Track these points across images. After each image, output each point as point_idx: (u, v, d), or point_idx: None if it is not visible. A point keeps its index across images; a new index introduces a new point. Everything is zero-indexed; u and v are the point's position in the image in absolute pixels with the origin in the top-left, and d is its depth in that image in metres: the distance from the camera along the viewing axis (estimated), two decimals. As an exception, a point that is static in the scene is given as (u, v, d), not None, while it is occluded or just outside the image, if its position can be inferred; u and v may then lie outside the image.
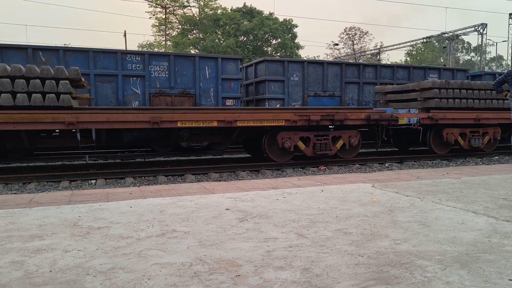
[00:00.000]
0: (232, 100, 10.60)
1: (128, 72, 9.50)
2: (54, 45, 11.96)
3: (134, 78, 9.60)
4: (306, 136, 7.89)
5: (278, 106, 10.62)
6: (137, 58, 9.64)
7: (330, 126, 8.25)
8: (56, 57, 8.82)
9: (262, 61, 11.33)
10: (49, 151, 9.83)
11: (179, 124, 6.94)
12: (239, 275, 1.68)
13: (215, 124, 7.15)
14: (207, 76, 10.32)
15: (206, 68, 10.28)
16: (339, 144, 8.14)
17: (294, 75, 11.09)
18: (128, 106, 8.83)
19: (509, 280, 1.61)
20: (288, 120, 7.53)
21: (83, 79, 6.90)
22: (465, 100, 9.12)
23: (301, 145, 7.84)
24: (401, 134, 9.58)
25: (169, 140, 7.96)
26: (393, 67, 12.60)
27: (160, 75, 9.82)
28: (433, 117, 8.67)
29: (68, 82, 6.45)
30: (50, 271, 1.74)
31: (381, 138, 8.42)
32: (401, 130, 9.15)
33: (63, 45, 15.36)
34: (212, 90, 10.44)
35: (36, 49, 8.76)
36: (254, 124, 7.39)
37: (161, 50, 34.32)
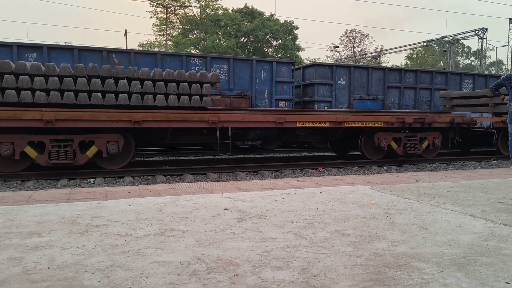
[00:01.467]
0: (284, 102, 11.11)
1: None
2: (126, 48, 12.42)
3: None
4: (398, 137, 8.70)
5: (326, 108, 11.24)
6: (200, 61, 10.26)
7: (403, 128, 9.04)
8: (128, 59, 9.41)
9: (312, 65, 12.01)
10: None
11: (298, 124, 7.73)
12: (237, 275, 1.69)
13: (327, 124, 8.00)
14: (262, 79, 10.90)
15: (262, 71, 10.79)
16: (425, 144, 8.94)
17: (341, 79, 11.73)
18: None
19: (506, 283, 1.62)
20: (386, 122, 8.39)
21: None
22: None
23: (394, 144, 8.65)
24: (465, 136, 10.20)
25: (281, 138, 8.90)
26: (431, 73, 13.26)
27: (220, 77, 10.15)
28: (505, 121, 9.23)
29: (209, 85, 7.41)
30: (48, 268, 1.75)
31: (454, 140, 9.34)
32: (465, 133, 9.83)
33: (135, 49, 16.02)
34: (266, 92, 11.00)
35: (110, 51, 9.41)
36: (358, 125, 8.25)
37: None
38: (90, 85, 6.51)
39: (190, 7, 38.29)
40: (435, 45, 45.60)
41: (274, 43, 39.60)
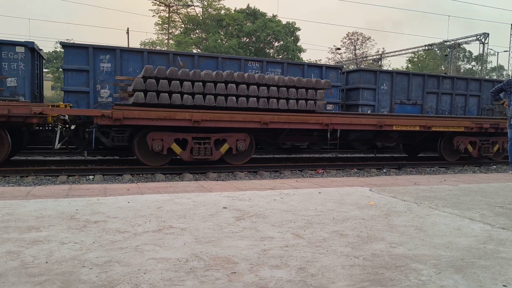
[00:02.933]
0: (332, 105, 11.47)
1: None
2: (190, 52, 12.67)
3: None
4: (473, 140, 9.66)
5: (369, 112, 11.72)
6: (256, 65, 10.74)
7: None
8: (192, 62, 9.95)
9: (357, 70, 12.76)
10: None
11: (394, 128, 8.71)
12: (234, 272, 1.69)
13: (417, 128, 8.87)
14: None
15: (312, 75, 11.15)
16: (496, 148, 9.96)
17: (384, 84, 12.32)
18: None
19: (503, 286, 1.62)
20: (467, 127, 9.30)
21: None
22: None
23: (470, 147, 9.63)
24: None
25: (374, 140, 9.92)
26: (467, 80, 13.84)
27: None
28: None
29: (323, 91, 8.28)
30: (46, 262, 1.75)
31: None
32: None
33: (197, 52, 16.84)
34: None
35: (175, 54, 10.01)
36: (443, 129, 9.13)
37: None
38: (227, 89, 7.40)
39: (193, 7, 38.31)
40: (436, 49, 45.62)
41: (276, 44, 39.65)
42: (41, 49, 9.65)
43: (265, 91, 7.62)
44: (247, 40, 39.04)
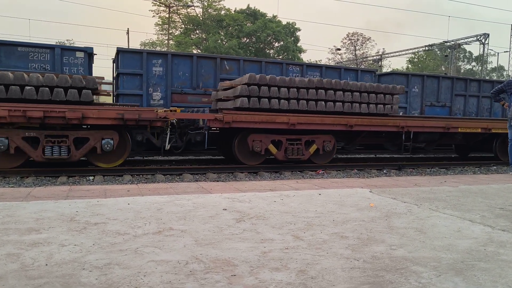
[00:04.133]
0: None
1: None
2: (236, 56, 15.15)
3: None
4: None
5: (401, 114, 12.01)
6: (296, 69, 11.30)
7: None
8: (237, 66, 10.46)
9: (389, 73, 13.33)
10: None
11: (459, 130, 9.30)
12: (234, 275, 1.69)
13: (479, 130, 9.47)
14: None
15: (348, 78, 11.62)
16: None
17: (415, 87, 12.85)
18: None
19: (503, 288, 1.62)
20: None
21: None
22: None
23: None
24: None
25: (439, 141, 10.22)
26: (492, 82, 14.46)
27: None
28: None
29: (398, 96, 8.94)
30: (46, 265, 1.75)
31: None
32: None
33: (244, 57, 18.85)
34: None
35: (222, 59, 10.59)
36: (501, 131, 9.51)
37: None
38: (317, 95, 7.96)
39: (193, 7, 38.32)
40: (436, 50, 45.62)
41: (276, 44, 39.65)
42: (96, 54, 10.07)
43: (349, 96, 8.27)
44: (247, 40, 39.04)
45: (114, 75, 10.46)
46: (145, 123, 7.11)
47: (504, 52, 39.39)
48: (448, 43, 37.33)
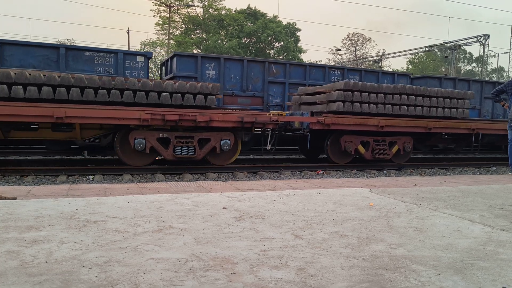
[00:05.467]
0: None
1: (331, 83, 11.61)
2: (282, 60, 17.11)
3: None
4: None
5: None
6: (338, 72, 11.89)
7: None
8: (283, 69, 11.12)
9: (423, 77, 13.86)
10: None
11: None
12: (234, 273, 1.69)
13: None
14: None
15: (385, 81, 12.27)
16: None
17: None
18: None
19: (503, 287, 1.62)
20: None
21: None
22: None
23: None
24: None
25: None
26: None
27: None
28: None
29: (469, 100, 9.66)
30: (46, 262, 1.75)
31: None
32: None
33: (289, 61, 22.04)
34: None
35: (270, 62, 11.28)
36: None
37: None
38: (401, 100, 8.76)
39: (193, 7, 38.31)
40: (436, 51, 45.63)
41: (276, 44, 39.66)
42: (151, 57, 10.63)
43: (427, 101, 9.04)
44: (248, 40, 39.04)
45: (167, 77, 10.84)
46: (259, 125, 7.91)
47: (504, 53, 39.44)
48: (448, 44, 37.34)
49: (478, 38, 34.96)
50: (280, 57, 38.24)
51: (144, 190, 4.20)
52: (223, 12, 38.83)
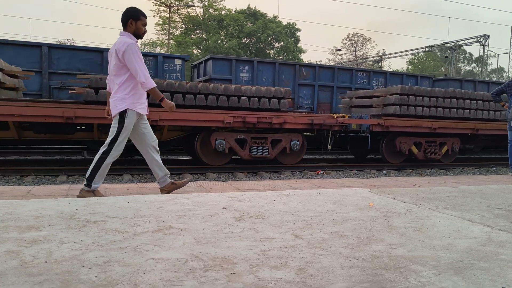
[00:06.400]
0: None
1: (358, 85, 12.10)
2: (312, 62, 17.19)
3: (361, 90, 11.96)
4: None
5: None
6: (364, 75, 12.34)
7: None
8: (313, 72, 11.50)
9: (445, 79, 14.24)
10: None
11: None
12: (234, 273, 1.69)
13: None
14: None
15: (409, 83, 12.57)
16: None
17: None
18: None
19: (503, 287, 1.62)
20: None
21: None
22: None
23: None
24: None
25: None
26: None
27: (378, 88, 12.12)
28: None
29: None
30: (46, 262, 1.75)
31: None
32: None
33: (318, 63, 21.43)
34: None
35: (301, 65, 11.71)
36: None
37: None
38: (451, 103, 9.31)
39: (193, 7, 38.31)
40: (436, 51, 45.64)
41: (276, 45, 39.65)
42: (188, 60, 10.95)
43: (474, 104, 9.57)
44: (248, 40, 39.04)
45: (200, 79, 11.06)
46: (326, 127, 8.39)
47: (504, 53, 39.44)
48: (448, 44, 37.34)
49: (478, 38, 34.95)
50: (280, 57, 38.24)
51: (144, 190, 4.20)
52: (223, 12, 38.81)
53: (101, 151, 3.72)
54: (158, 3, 37.51)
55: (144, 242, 2.09)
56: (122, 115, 3.64)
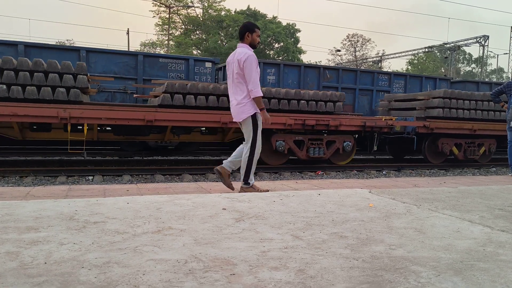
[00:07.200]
0: None
1: (379, 87, 12.36)
2: (336, 66, 17.10)
3: (382, 93, 12.30)
4: None
5: None
6: (385, 77, 12.59)
7: None
8: (336, 75, 11.76)
9: (462, 81, 14.36)
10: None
11: None
12: (233, 274, 1.69)
13: None
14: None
15: (428, 85, 12.87)
16: None
17: None
18: (376, 115, 11.02)
19: (502, 288, 1.62)
20: None
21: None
22: None
23: None
24: None
25: None
26: None
27: (398, 91, 12.55)
28: None
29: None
30: (45, 263, 1.74)
31: None
32: None
33: (342, 66, 24.18)
34: None
35: (325, 68, 11.93)
36: None
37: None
38: (489, 105, 9.71)
39: (193, 8, 38.32)
40: (436, 52, 45.65)
41: (276, 45, 39.64)
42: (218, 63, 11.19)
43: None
44: (247, 41, 38.96)
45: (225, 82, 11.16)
46: (377, 129, 8.72)
47: (504, 54, 39.49)
48: (448, 45, 37.36)
49: (478, 39, 34.98)
50: (280, 58, 38.24)
51: (144, 191, 4.19)
52: (223, 13, 38.80)
53: (246, 153, 4.23)
54: (158, 3, 37.52)
55: (143, 243, 2.08)
56: (254, 117, 4.14)
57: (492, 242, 2.28)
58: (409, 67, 58.19)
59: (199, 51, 37.37)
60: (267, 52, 39.26)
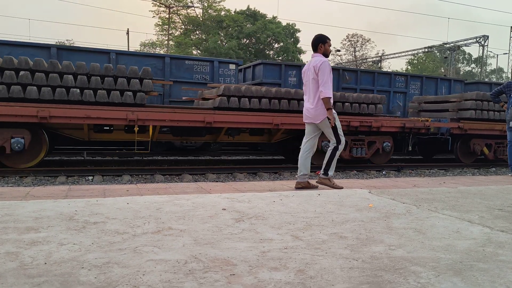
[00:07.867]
0: None
1: (396, 89, 12.53)
2: (355, 68, 17.65)
3: (399, 94, 12.57)
4: None
5: None
6: (401, 79, 12.77)
7: None
8: (355, 76, 11.97)
9: (476, 82, 14.43)
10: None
11: None
12: (233, 274, 1.69)
13: None
14: (443, 94, 13.19)
15: (443, 87, 13.23)
16: None
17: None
18: (393, 115, 11.51)
19: (502, 289, 1.62)
20: None
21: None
22: None
23: None
24: None
25: None
26: None
27: (415, 92, 12.70)
28: None
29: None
30: (45, 263, 1.75)
31: None
32: None
33: (361, 68, 23.76)
34: None
35: (344, 70, 12.16)
36: None
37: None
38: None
39: (193, 8, 38.32)
40: (436, 52, 45.67)
41: (276, 45, 39.63)
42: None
43: None
44: (247, 41, 39.02)
45: (248, 83, 11.33)
46: (415, 130, 9.03)
47: (504, 54, 39.46)
48: (448, 45, 37.36)
49: (478, 39, 34.97)
50: (280, 58, 38.24)
51: (144, 191, 4.19)
52: (223, 13, 38.79)
53: (331, 147, 4.48)
54: (158, 4, 37.51)
55: (143, 243, 2.08)
56: (328, 118, 4.41)
57: (492, 243, 2.28)
58: (409, 67, 58.18)
59: (198, 51, 37.37)
60: (267, 52, 39.25)
